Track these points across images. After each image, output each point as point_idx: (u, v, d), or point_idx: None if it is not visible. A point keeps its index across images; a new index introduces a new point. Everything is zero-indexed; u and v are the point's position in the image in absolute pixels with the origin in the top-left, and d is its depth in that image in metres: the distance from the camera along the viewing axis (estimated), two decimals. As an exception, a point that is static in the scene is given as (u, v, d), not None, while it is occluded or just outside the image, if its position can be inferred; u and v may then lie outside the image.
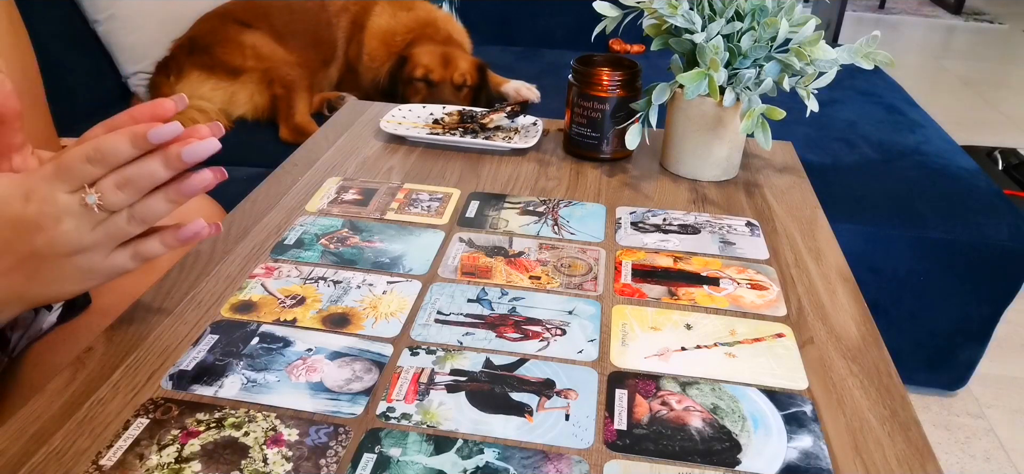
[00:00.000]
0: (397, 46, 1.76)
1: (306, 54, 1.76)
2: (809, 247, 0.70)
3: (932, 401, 1.56)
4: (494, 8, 2.33)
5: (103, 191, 0.48)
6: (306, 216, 0.73)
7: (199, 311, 0.58)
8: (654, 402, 0.50)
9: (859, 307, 0.61)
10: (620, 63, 0.86)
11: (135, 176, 0.49)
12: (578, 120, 0.86)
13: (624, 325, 0.58)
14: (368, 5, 1.82)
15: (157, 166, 0.49)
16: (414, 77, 1.68)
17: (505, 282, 0.63)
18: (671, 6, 0.76)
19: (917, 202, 1.40)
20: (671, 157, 0.85)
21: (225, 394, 0.49)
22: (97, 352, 0.53)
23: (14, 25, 0.62)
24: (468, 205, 0.76)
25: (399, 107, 0.99)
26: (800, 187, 0.83)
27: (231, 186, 0.60)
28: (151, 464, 0.44)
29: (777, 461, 0.46)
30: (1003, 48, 4.49)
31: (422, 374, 0.52)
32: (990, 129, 3.16)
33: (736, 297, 0.62)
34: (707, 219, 0.75)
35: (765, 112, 0.75)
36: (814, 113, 0.79)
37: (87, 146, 0.48)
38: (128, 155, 0.49)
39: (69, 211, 0.48)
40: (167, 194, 0.51)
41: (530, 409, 0.49)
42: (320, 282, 0.62)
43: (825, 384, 0.53)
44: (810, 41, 0.74)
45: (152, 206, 0.51)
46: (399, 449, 0.45)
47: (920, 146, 1.61)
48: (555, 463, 0.45)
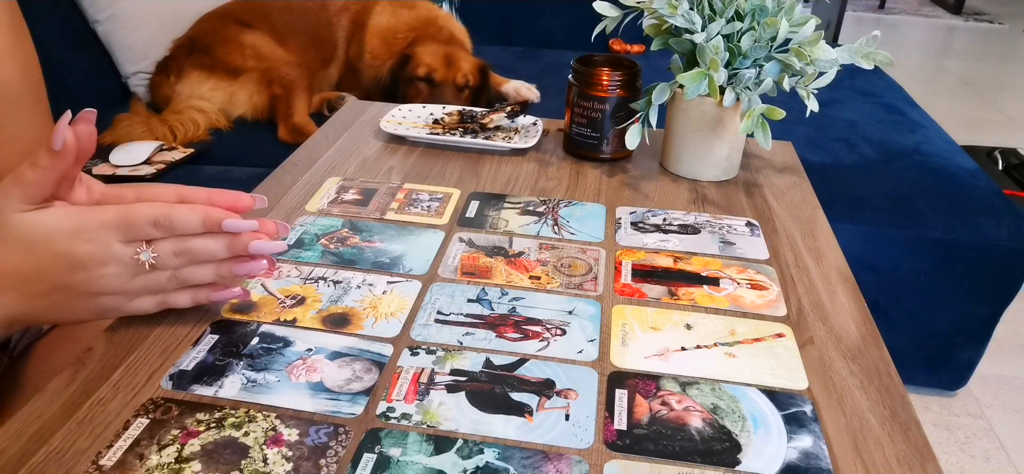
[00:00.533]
0: (399, 45, 1.76)
1: (306, 54, 1.76)
2: (809, 247, 0.70)
3: (932, 401, 1.56)
4: (494, 8, 2.33)
5: (160, 253, 0.50)
6: (306, 216, 0.73)
7: (199, 311, 0.58)
8: (654, 402, 0.50)
9: (859, 307, 0.61)
10: (620, 63, 0.86)
11: (196, 250, 0.51)
12: (578, 120, 0.86)
13: (624, 325, 0.58)
14: (369, 4, 1.82)
15: (220, 248, 0.51)
16: (416, 76, 1.68)
17: (505, 282, 0.63)
18: (671, 6, 0.76)
19: (917, 202, 1.40)
20: (671, 157, 0.85)
21: (225, 394, 0.49)
22: (97, 352, 0.53)
23: (15, 25, 0.62)
24: (468, 205, 0.76)
25: (399, 107, 0.99)
26: (800, 187, 0.83)
27: (231, 186, 0.60)
28: (151, 464, 0.44)
29: (777, 461, 0.46)
30: (1003, 48, 4.49)
31: (422, 374, 0.52)
32: (990, 129, 3.16)
33: (736, 297, 0.62)
34: (707, 219, 0.75)
35: (765, 112, 0.75)
36: (814, 113, 0.79)
37: (157, 210, 0.49)
38: (196, 232, 0.50)
39: (119, 260, 0.49)
40: (219, 268, 0.53)
41: (530, 409, 0.49)
42: (320, 282, 0.62)
43: (825, 384, 0.53)
44: (810, 41, 0.74)
45: (199, 275, 0.52)
46: (399, 449, 0.45)
47: (920, 146, 1.61)
48: (555, 463, 0.45)
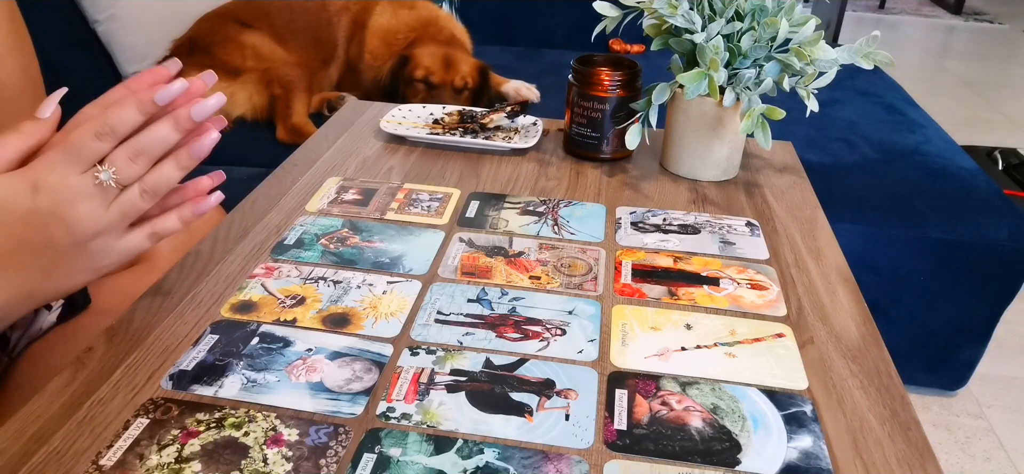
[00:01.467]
0: (399, 45, 1.76)
1: (306, 54, 1.76)
2: (809, 247, 0.70)
3: (932, 401, 1.56)
4: (494, 8, 2.33)
5: (116, 165, 0.47)
6: (306, 216, 0.73)
7: (199, 311, 0.58)
8: (654, 402, 0.50)
9: (859, 307, 0.61)
10: (620, 63, 0.86)
11: (146, 144, 0.48)
12: (578, 120, 0.86)
13: (624, 325, 0.58)
14: (369, 4, 1.82)
15: (167, 130, 0.48)
16: (415, 78, 1.68)
17: (505, 282, 0.63)
18: (671, 6, 0.76)
19: (917, 202, 1.40)
20: (671, 157, 0.85)
21: (225, 394, 0.49)
22: (97, 352, 0.53)
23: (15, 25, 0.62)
24: (468, 205, 0.76)
25: (399, 107, 0.99)
26: (800, 187, 0.83)
27: (231, 186, 0.60)
28: (151, 464, 0.44)
29: (777, 461, 0.46)
30: (1003, 48, 4.49)
31: (422, 374, 0.52)
32: (990, 129, 3.16)
33: (736, 297, 0.62)
34: (707, 219, 0.75)
35: (765, 112, 0.75)
36: (814, 113, 0.79)
37: (94, 122, 0.47)
38: (136, 124, 0.48)
39: (84, 193, 0.47)
40: (177, 159, 0.50)
41: (530, 409, 0.49)
42: (320, 282, 0.62)
43: (825, 384, 0.53)
44: (810, 41, 0.74)
45: (163, 175, 0.50)
46: (399, 449, 0.45)
47: (920, 146, 1.62)
48: (555, 463, 0.45)
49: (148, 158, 0.49)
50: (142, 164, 0.48)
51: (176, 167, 0.50)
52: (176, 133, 0.49)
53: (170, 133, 0.49)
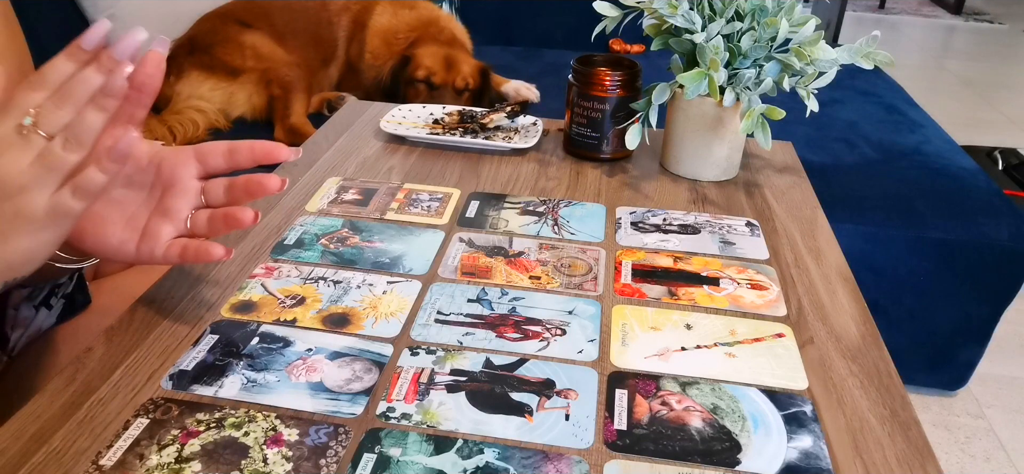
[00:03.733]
0: (400, 45, 1.76)
1: (306, 54, 1.76)
2: (809, 247, 0.70)
3: (932, 401, 1.56)
4: (494, 8, 2.33)
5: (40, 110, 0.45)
6: (306, 216, 0.73)
7: (199, 311, 0.58)
8: (654, 402, 0.50)
9: (859, 307, 0.61)
10: (620, 63, 0.86)
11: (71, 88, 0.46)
12: (578, 120, 0.86)
13: (624, 325, 0.58)
14: (370, 4, 1.82)
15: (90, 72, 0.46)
16: (416, 78, 1.68)
17: (505, 282, 0.63)
18: (671, 6, 0.76)
19: (917, 202, 1.40)
20: (671, 157, 0.85)
21: (225, 394, 0.49)
22: (97, 352, 0.53)
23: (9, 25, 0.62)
24: (468, 205, 0.76)
25: (399, 107, 0.99)
26: (800, 187, 0.83)
27: (231, 186, 0.60)
28: (151, 464, 0.44)
29: (777, 461, 0.46)
30: (1003, 48, 4.49)
31: (422, 374, 0.52)
32: (990, 129, 3.16)
33: (736, 297, 0.62)
34: (707, 219, 0.75)
35: (765, 112, 0.75)
36: (814, 113, 0.79)
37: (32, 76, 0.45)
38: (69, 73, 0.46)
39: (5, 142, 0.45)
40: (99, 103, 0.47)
41: (530, 409, 0.49)
42: (320, 282, 0.62)
43: (825, 384, 0.53)
44: (810, 41, 0.74)
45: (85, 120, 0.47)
46: (399, 449, 0.45)
47: (920, 146, 1.62)
48: (555, 463, 0.45)
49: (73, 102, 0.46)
50: (67, 110, 0.46)
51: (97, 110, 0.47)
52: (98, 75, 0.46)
53: (94, 76, 0.46)
